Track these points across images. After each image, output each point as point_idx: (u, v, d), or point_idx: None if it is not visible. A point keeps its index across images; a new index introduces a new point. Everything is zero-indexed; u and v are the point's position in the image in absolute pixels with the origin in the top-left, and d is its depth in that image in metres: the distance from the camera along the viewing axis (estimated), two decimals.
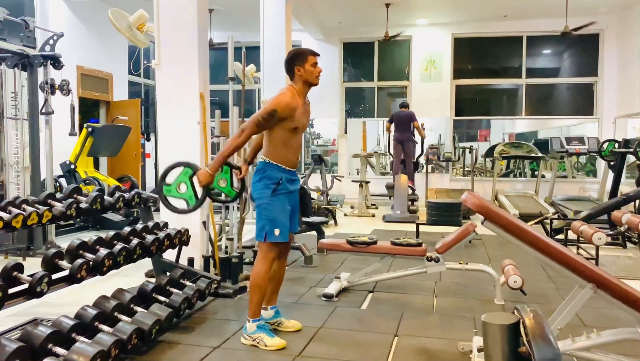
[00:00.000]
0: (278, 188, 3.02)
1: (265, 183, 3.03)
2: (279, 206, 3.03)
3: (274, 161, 3.03)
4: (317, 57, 3.07)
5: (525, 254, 5.70)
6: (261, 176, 3.04)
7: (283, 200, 3.05)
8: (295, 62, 3.04)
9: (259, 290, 3.03)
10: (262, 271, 3.01)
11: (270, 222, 3.01)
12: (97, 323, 2.72)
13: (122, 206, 3.64)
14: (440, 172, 10.74)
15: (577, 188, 10.40)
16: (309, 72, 3.03)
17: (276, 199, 3.02)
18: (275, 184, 3.01)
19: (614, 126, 10.00)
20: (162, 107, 4.40)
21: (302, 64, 3.02)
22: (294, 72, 3.04)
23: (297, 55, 3.06)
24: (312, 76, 3.04)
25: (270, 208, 3.01)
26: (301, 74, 3.03)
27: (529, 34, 10.37)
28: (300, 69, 3.02)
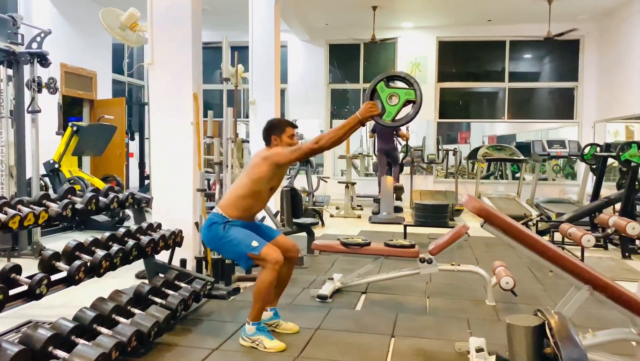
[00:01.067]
0: (227, 225, 3.06)
1: (213, 228, 3.08)
2: (234, 232, 3.05)
3: (231, 216, 3.07)
4: (294, 130, 3.18)
5: (512, 256, 5.85)
6: (209, 225, 3.11)
7: (235, 228, 3.07)
8: (273, 131, 3.15)
9: (263, 298, 3.02)
10: (268, 279, 2.99)
11: (241, 245, 3.01)
12: (96, 326, 2.70)
13: (117, 206, 3.60)
14: (422, 173, 10.82)
15: (558, 190, 10.61)
16: (285, 143, 3.13)
17: (229, 230, 3.06)
18: (223, 224, 3.06)
19: (593, 130, 10.23)
20: (155, 107, 4.37)
21: (279, 135, 3.13)
22: (271, 140, 3.15)
23: (276, 126, 3.17)
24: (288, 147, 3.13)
25: (229, 239, 3.04)
26: (277, 143, 3.13)
27: (512, 39, 10.54)
28: (277, 138, 3.13)
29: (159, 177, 4.39)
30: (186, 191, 4.34)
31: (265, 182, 3.10)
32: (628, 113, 8.87)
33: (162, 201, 4.30)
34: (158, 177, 4.39)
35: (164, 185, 4.36)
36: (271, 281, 2.99)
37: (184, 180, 4.32)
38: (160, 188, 4.36)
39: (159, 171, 4.39)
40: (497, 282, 3.93)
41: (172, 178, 4.33)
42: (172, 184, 4.34)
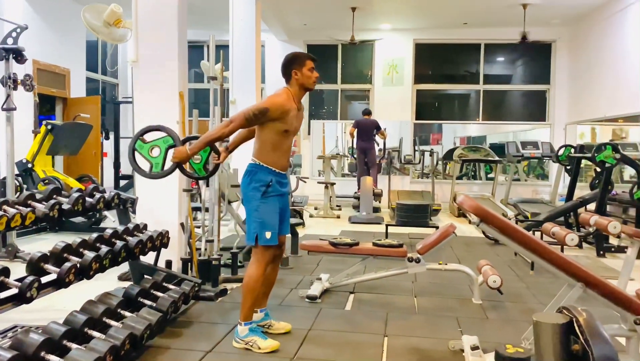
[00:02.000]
0: (268, 190, 2.99)
1: (254, 185, 3.00)
2: (269, 208, 3.01)
3: (264, 163, 3.01)
4: (314, 62, 3.08)
5: (492, 255, 5.94)
6: (251, 178, 3.01)
7: (274, 202, 3.03)
8: (292, 65, 3.03)
9: (252, 294, 3.00)
10: (256, 274, 2.99)
11: (261, 225, 2.98)
12: (87, 329, 2.62)
13: (103, 207, 3.51)
14: (395, 174, 10.90)
15: (530, 190, 10.85)
16: (306, 76, 3.02)
17: (266, 201, 3.00)
18: (265, 187, 2.99)
19: (564, 132, 10.51)
20: (139, 106, 4.28)
21: (300, 68, 3.01)
22: (291, 75, 3.03)
23: (295, 59, 3.05)
24: (309, 81, 3.04)
25: (260, 210, 2.99)
26: (298, 77, 3.01)
27: (487, 42, 10.73)
28: (298, 72, 3.01)
29: (144, 178, 4.29)
30: (171, 191, 4.27)
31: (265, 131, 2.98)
32: (598, 116, 9.15)
33: (147, 201, 4.21)
34: (142, 178, 4.29)
35: (149, 185, 4.26)
36: (259, 277, 2.98)
37: (169, 180, 4.23)
38: (145, 188, 4.27)
39: None
40: (483, 281, 3.98)
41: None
42: (157, 184, 4.24)
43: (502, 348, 2.37)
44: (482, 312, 3.81)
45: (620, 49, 8.27)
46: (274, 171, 3.02)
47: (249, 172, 3.02)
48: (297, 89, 3.05)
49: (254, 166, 3.02)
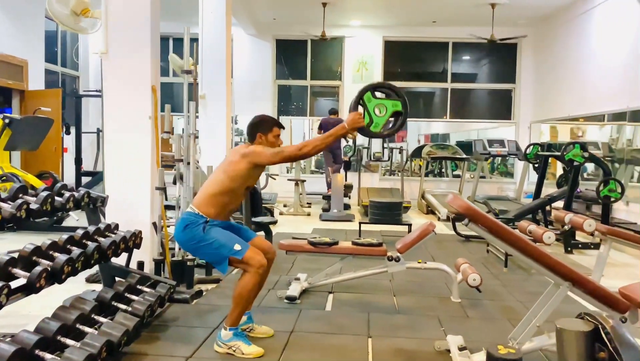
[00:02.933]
0: (206, 226, 2.91)
1: (190, 229, 2.90)
2: (215, 234, 2.90)
3: (208, 215, 2.92)
4: (280, 130, 3.09)
5: (465, 253, 5.96)
6: (185, 226, 2.92)
7: (215, 229, 2.93)
8: (259, 128, 3.05)
9: (245, 302, 2.90)
10: (251, 283, 2.86)
11: (222, 248, 2.86)
12: (60, 337, 2.47)
13: (73, 206, 3.33)
14: (364, 171, 10.92)
15: (496, 187, 11.04)
16: (270, 142, 3.04)
17: (210, 231, 2.90)
18: (202, 225, 2.90)
19: (529, 130, 10.74)
20: (109, 99, 4.09)
21: (265, 133, 3.04)
22: (255, 137, 3.04)
23: (262, 123, 3.07)
24: (272, 147, 3.02)
25: (209, 241, 2.87)
26: (262, 142, 3.03)
27: (455, 41, 10.84)
28: (263, 137, 3.03)
29: (114, 175, 4.12)
30: (143, 189, 4.10)
31: (241, 180, 2.97)
32: (563, 115, 9.37)
33: (117, 200, 4.03)
34: (112, 175, 4.12)
35: (119, 183, 4.09)
36: (254, 286, 2.87)
37: (141, 178, 4.08)
38: (115, 186, 4.09)
39: (113, 168, 4.12)
40: (462, 279, 3.99)
41: (128, 176, 4.08)
42: (128, 182, 4.09)
43: (493, 348, 2.35)
44: (462, 311, 3.81)
45: (585, 50, 8.49)
46: (220, 222, 2.97)
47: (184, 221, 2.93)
48: None
49: (196, 217, 2.92)
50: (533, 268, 2.65)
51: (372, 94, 3.16)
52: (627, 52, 7.25)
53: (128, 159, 4.06)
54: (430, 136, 15.81)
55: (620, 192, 5.99)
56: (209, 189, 2.98)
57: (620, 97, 7.26)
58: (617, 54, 7.54)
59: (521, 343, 2.61)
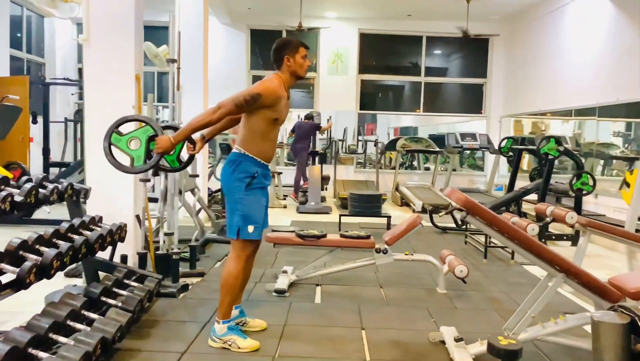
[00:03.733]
0: (253, 182, 2.84)
1: (238, 176, 2.84)
2: (253, 201, 2.86)
3: (250, 153, 2.85)
4: (307, 50, 2.95)
5: (445, 244, 6.03)
6: (234, 168, 2.84)
7: (258, 195, 2.89)
8: (285, 51, 2.88)
9: (231, 291, 2.85)
10: (236, 270, 2.84)
11: (244, 218, 2.83)
12: (52, 334, 2.38)
13: (56, 198, 3.20)
14: (343, 164, 10.96)
15: (467, 180, 11.24)
16: (298, 63, 2.89)
17: (251, 193, 2.85)
18: (249, 178, 2.84)
19: (499, 125, 10.95)
20: (91, 88, 3.95)
21: (293, 55, 2.87)
22: (283, 62, 2.88)
23: (288, 45, 2.90)
24: (301, 69, 2.91)
25: (244, 203, 2.84)
26: (290, 64, 2.87)
27: (429, 35, 10.93)
28: (290, 59, 2.87)
29: (95, 166, 3.98)
30: (126, 181, 3.98)
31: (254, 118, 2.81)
32: (534, 110, 9.60)
33: (99, 192, 3.90)
34: (94, 166, 3.99)
35: (101, 175, 3.96)
36: (239, 272, 2.85)
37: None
38: (97, 177, 3.96)
39: (95, 159, 3.98)
40: (448, 270, 4.05)
41: (111, 168, 3.92)
42: (110, 173, 3.93)
43: (495, 340, 2.39)
44: (449, 302, 3.86)
45: (557, 47, 8.69)
46: (260, 162, 2.87)
47: (232, 162, 2.85)
48: (288, 76, 2.91)
49: (238, 156, 2.85)
50: (528, 259, 2.69)
51: (118, 133, 3.10)
52: (598, 50, 7.46)
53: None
54: (400, 129, 15.98)
55: (592, 185, 6.18)
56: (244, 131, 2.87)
57: (591, 93, 7.47)
58: (588, 51, 7.75)
59: (517, 333, 2.66)
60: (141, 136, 3.07)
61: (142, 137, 3.06)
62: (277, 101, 2.79)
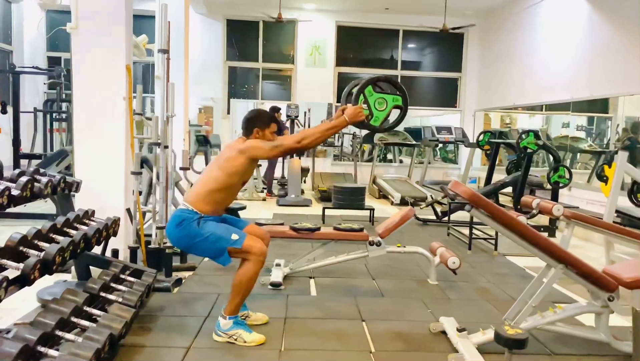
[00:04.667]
0: (201, 221, 2.84)
1: (184, 226, 2.82)
2: (211, 227, 2.83)
3: (203, 212, 2.85)
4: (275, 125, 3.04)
5: (427, 236, 6.12)
6: (178, 222, 2.84)
7: (210, 223, 2.86)
8: (257, 123, 2.98)
9: (246, 291, 2.85)
10: (252, 272, 2.80)
11: (220, 240, 2.80)
12: (58, 331, 2.32)
13: (50, 192, 3.11)
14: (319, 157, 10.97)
15: (441, 173, 11.43)
16: (267, 138, 2.98)
17: (205, 225, 2.83)
18: (197, 220, 2.83)
19: (473, 118, 11.16)
20: (79, 78, 3.82)
21: (263, 129, 2.99)
22: (252, 131, 2.97)
23: (260, 118, 3.02)
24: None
25: (205, 236, 2.81)
26: (259, 137, 2.97)
27: (405, 28, 11.02)
28: (260, 132, 2.98)
29: (84, 158, 3.87)
30: (117, 174, 3.89)
31: (239, 176, 2.92)
32: (507, 104, 9.81)
33: (89, 185, 3.79)
34: (83, 158, 3.88)
35: (91, 167, 3.85)
36: (255, 274, 2.82)
37: (114, 161, 3.87)
38: (86, 170, 3.84)
39: (84, 151, 3.87)
40: (440, 262, 4.12)
41: (101, 159, 3.85)
42: (101, 166, 3.85)
43: (501, 329, 2.46)
44: (442, 293, 3.94)
45: (531, 43, 8.89)
46: (215, 218, 2.92)
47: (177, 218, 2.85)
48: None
49: (190, 213, 2.84)
50: (529, 251, 2.77)
51: (374, 88, 3.21)
52: (573, 46, 7.68)
53: (100, 142, 3.83)
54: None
55: (568, 178, 6.37)
56: (205, 186, 2.89)
57: (566, 88, 7.69)
58: (562, 47, 7.96)
59: (518, 323, 2.74)
60: (389, 101, 3.21)
61: (389, 102, 3.21)
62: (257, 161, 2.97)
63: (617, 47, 6.72)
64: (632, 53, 6.41)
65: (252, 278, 2.82)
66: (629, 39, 6.54)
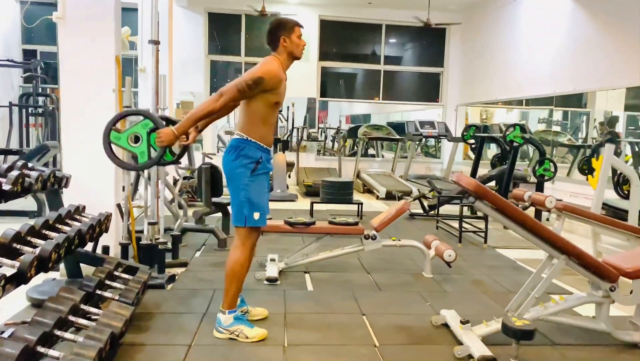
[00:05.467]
0: (257, 168, 2.77)
1: (242, 161, 2.75)
2: (258, 187, 2.79)
3: (252, 138, 2.77)
4: (301, 29, 2.88)
5: (415, 229, 6.13)
6: (238, 154, 2.76)
7: (262, 181, 2.82)
8: (281, 31, 2.80)
9: (238, 279, 2.79)
10: (242, 258, 2.77)
11: (250, 205, 2.76)
12: (57, 330, 2.24)
13: (40, 188, 3.00)
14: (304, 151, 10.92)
15: (424, 167, 11.48)
16: (295, 43, 2.82)
17: (255, 179, 2.78)
18: (254, 163, 2.76)
19: (455, 113, 11.24)
20: (67, 69, 3.70)
21: (289, 35, 2.80)
22: (279, 43, 2.80)
23: (283, 25, 2.82)
24: (297, 49, 2.84)
25: (249, 189, 2.76)
26: (287, 45, 2.80)
27: (388, 23, 11.01)
28: (287, 39, 2.80)
29: (72, 153, 3.76)
30: (106, 168, 3.77)
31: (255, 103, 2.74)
32: (489, 98, 9.90)
33: (77, 180, 3.68)
34: (71, 153, 3.77)
35: (79, 162, 3.74)
36: (245, 260, 2.79)
37: (104, 156, 3.74)
38: (75, 165, 3.73)
39: (72, 146, 3.76)
40: (435, 255, 4.12)
41: (90, 154, 3.73)
42: (90, 160, 3.74)
43: (509, 320, 2.46)
44: (438, 286, 3.94)
45: (514, 37, 8.97)
46: (263, 147, 2.80)
47: (235, 148, 2.76)
48: (286, 57, 2.84)
49: (241, 142, 2.76)
50: (533, 243, 2.77)
51: (116, 130, 3.07)
52: (555, 41, 7.76)
53: (89, 136, 3.70)
54: (351, 117, 16.10)
55: (553, 171, 6.46)
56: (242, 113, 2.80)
57: (548, 83, 7.78)
58: (545, 42, 8.04)
59: (521, 314, 2.75)
60: (141, 131, 2.99)
61: (142, 132, 2.99)
62: (279, 83, 2.73)
63: (599, 42, 6.82)
64: (615, 48, 6.51)
65: (243, 264, 2.78)
66: (610, 33, 6.65)
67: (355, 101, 12.79)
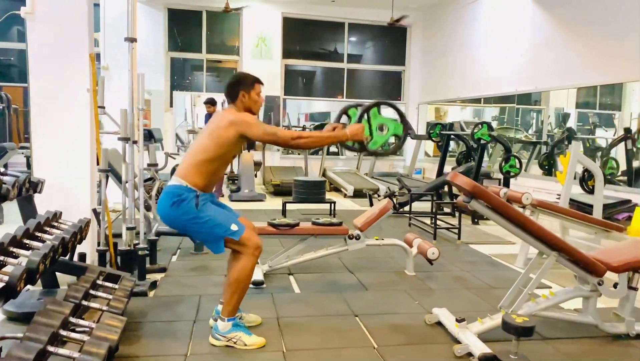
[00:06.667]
0: (199, 201, 2.69)
1: (182, 205, 2.66)
2: (211, 212, 2.71)
3: (195, 188, 2.69)
4: (262, 87, 2.90)
5: (389, 226, 6.18)
6: (175, 201, 2.66)
7: (210, 207, 2.74)
8: (241, 86, 2.83)
9: (244, 288, 2.72)
10: (249, 266, 2.69)
11: (219, 227, 2.67)
12: (51, 347, 2.11)
13: (16, 193, 2.82)
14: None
15: (387, 164, 11.59)
16: (253, 100, 2.84)
17: (204, 207, 2.70)
18: (195, 199, 2.68)
19: (417, 111, 11.41)
20: (37, 68, 3.51)
21: (248, 91, 2.83)
22: (238, 97, 2.82)
23: (243, 80, 2.86)
24: (255, 105, 2.86)
25: (204, 220, 2.67)
26: (245, 100, 2.83)
27: (351, 21, 11.04)
28: (246, 95, 2.82)
29: (44, 156, 3.57)
30: (82, 171, 3.62)
31: (229, 147, 2.73)
32: (451, 97, 10.10)
33: (51, 185, 3.49)
34: (42, 156, 3.57)
35: (52, 166, 3.56)
36: (251, 269, 2.71)
37: (78, 159, 3.59)
38: (47, 169, 3.54)
39: (43, 148, 3.57)
40: (417, 253, 4.16)
41: (63, 157, 3.57)
42: (63, 164, 3.57)
43: (509, 317, 2.50)
44: (422, 283, 3.97)
45: (475, 37, 9.17)
46: (209, 196, 2.79)
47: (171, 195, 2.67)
48: (242, 111, 2.83)
49: (182, 189, 2.67)
50: (525, 240, 2.83)
51: (379, 110, 3.17)
52: (517, 41, 7.99)
53: (62, 138, 3.54)
54: (310, 115, 16.08)
55: (519, 167, 6.65)
56: (195, 157, 2.72)
57: (510, 82, 8.01)
58: (506, 41, 8.27)
59: (515, 310, 2.80)
60: (391, 128, 3.15)
61: (390, 129, 3.15)
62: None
63: (558, 42, 7.07)
64: (573, 48, 6.77)
65: (250, 273, 2.71)
66: (569, 33, 6.90)
67: (319, 99, 12.77)
